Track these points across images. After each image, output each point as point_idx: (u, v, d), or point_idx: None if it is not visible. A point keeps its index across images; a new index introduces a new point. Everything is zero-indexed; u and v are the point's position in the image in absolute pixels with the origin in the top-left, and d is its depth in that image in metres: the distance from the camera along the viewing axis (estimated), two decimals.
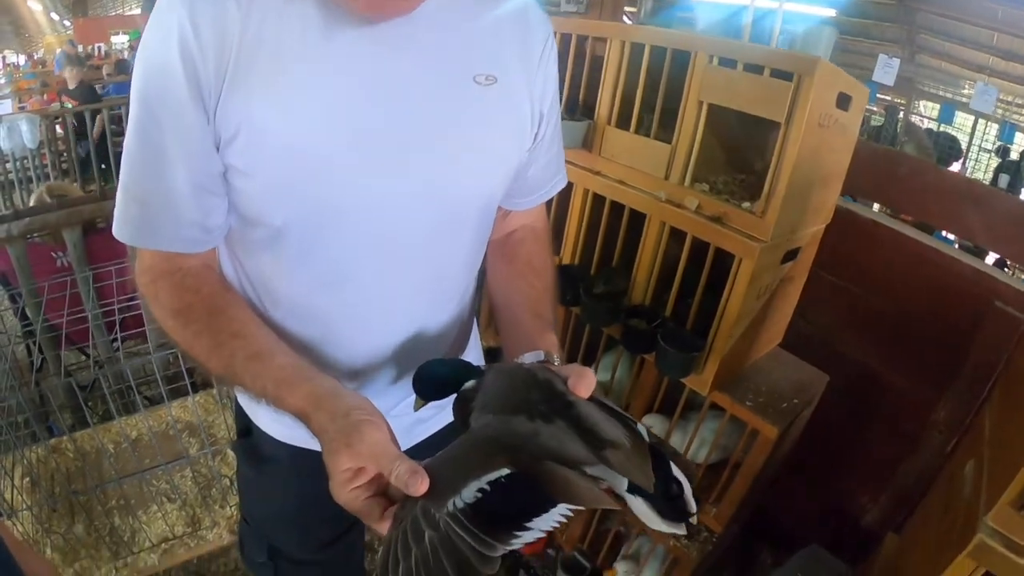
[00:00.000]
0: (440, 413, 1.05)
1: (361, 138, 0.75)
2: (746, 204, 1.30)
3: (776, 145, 1.18)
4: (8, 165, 4.76)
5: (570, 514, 0.58)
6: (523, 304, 0.93)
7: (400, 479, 0.61)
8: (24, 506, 1.61)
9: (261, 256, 0.85)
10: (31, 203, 2.92)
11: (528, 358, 0.80)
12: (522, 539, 0.56)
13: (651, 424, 1.65)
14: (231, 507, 1.72)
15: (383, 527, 0.62)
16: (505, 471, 0.59)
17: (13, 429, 1.69)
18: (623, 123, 1.47)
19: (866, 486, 1.76)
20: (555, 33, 0.90)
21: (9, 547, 0.79)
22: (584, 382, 0.69)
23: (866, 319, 1.71)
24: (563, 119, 1.52)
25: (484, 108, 0.81)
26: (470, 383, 0.73)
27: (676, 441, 1.60)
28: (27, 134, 4.30)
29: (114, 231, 0.79)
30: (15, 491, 1.67)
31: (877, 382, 1.66)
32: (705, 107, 1.27)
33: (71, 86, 5.83)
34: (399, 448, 0.66)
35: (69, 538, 1.61)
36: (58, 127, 5.34)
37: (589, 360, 1.80)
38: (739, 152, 1.49)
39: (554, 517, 0.58)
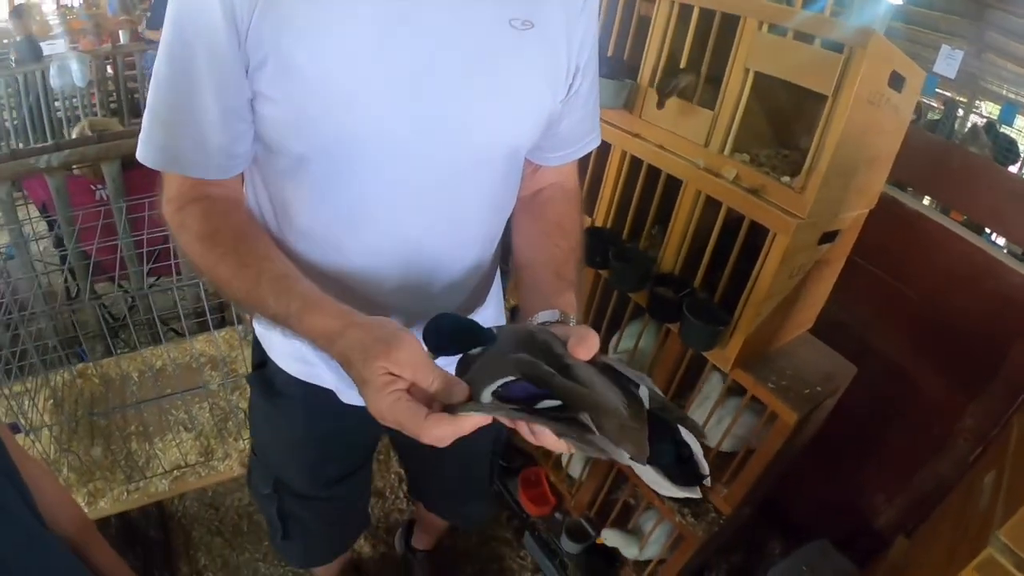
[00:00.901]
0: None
1: (387, 74, 0.75)
2: (786, 178, 1.27)
3: (822, 119, 1.15)
4: (57, 103, 4.85)
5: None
6: (546, 264, 0.91)
7: (441, 388, 0.65)
8: (45, 424, 1.67)
9: (284, 186, 0.86)
10: (73, 136, 2.97)
11: (542, 317, 0.79)
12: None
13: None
14: (244, 441, 1.75)
15: (427, 433, 0.63)
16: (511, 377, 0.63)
17: (40, 352, 1.74)
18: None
19: (883, 486, 1.74)
20: None
21: (14, 456, 0.80)
22: (585, 345, 0.67)
23: (902, 314, 1.67)
24: (606, 78, 1.51)
25: (517, 53, 0.80)
26: (476, 350, 0.72)
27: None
28: (77, 73, 4.39)
29: (138, 154, 0.80)
30: (38, 411, 1.74)
31: (906, 380, 1.63)
32: (751, 75, 1.23)
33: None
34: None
35: (86, 459, 1.65)
36: (108, 67, 5.42)
37: (614, 326, 1.79)
38: (787, 126, 1.45)
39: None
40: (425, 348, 0.69)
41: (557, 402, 0.62)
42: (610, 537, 1.82)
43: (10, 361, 1.70)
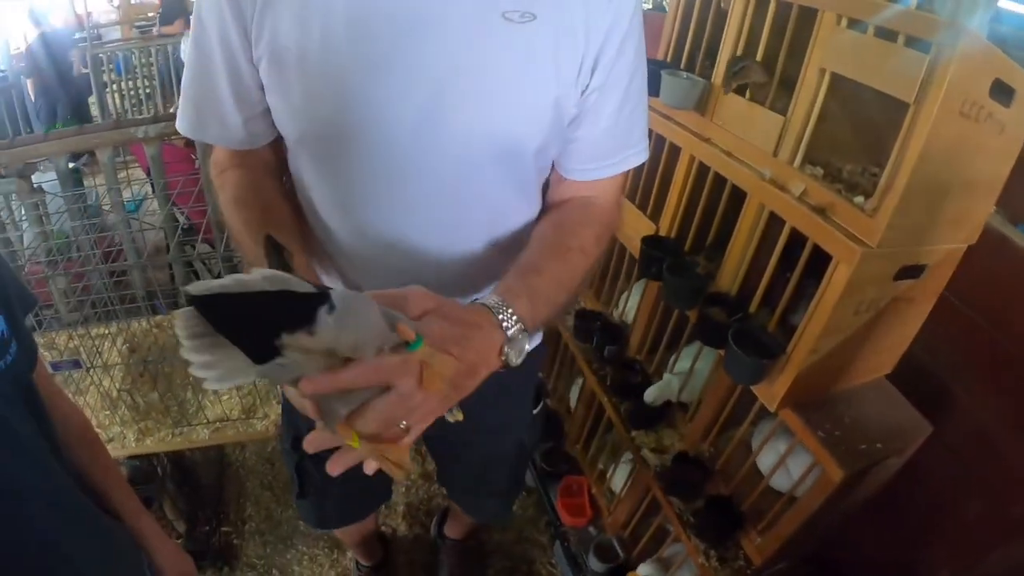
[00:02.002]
0: None
1: (374, 65, 0.74)
2: (859, 199, 1.07)
3: (901, 131, 0.95)
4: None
5: None
6: (525, 265, 0.81)
7: None
8: (116, 364, 1.75)
9: (294, 165, 0.91)
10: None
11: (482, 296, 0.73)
12: None
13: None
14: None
15: None
16: None
17: (125, 301, 1.86)
18: (739, 87, 1.26)
19: (949, 562, 1.47)
20: None
21: (41, 391, 0.82)
22: None
23: (1000, 371, 1.39)
24: (679, 77, 1.36)
25: (510, 47, 0.75)
26: None
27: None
28: None
29: (177, 124, 0.90)
30: (115, 350, 1.84)
31: (993, 447, 1.35)
32: (827, 76, 1.05)
33: None
34: None
35: (145, 401, 1.74)
36: None
37: (672, 344, 1.64)
38: (880, 140, 1.24)
39: None
40: None
41: None
42: (644, 570, 1.68)
43: (95, 305, 1.82)
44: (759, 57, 1.21)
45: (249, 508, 2.16)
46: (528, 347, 0.72)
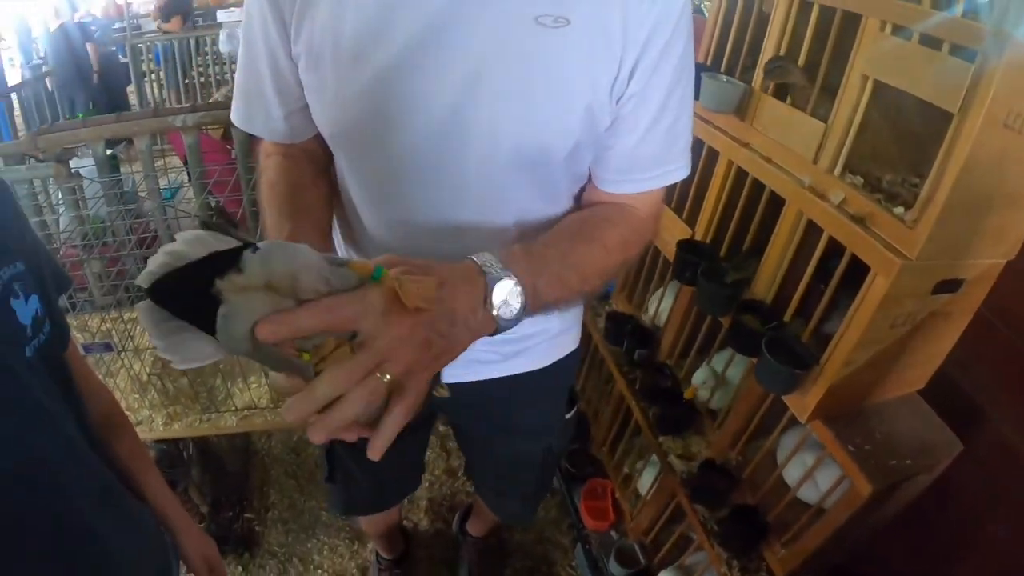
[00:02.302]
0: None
1: (403, 65, 0.76)
2: (898, 209, 1.08)
3: (945, 142, 0.96)
4: (215, 68, 5.26)
5: None
6: (533, 241, 0.79)
7: None
8: (148, 348, 1.81)
9: (335, 159, 0.95)
10: (218, 99, 3.24)
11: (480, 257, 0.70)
12: None
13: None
14: None
15: None
16: None
17: None
18: (780, 92, 1.28)
19: None
20: None
21: (73, 371, 0.86)
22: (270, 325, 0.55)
23: None
24: (718, 80, 1.37)
25: (541, 52, 0.75)
26: None
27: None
28: None
29: (231, 115, 0.95)
30: (146, 335, 1.89)
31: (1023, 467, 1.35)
32: (870, 83, 1.06)
33: None
34: None
35: (174, 386, 1.80)
36: None
37: (705, 349, 1.65)
38: (923, 151, 1.24)
39: None
40: None
41: None
42: None
43: (129, 290, 1.88)
44: (801, 62, 1.22)
45: (272, 496, 2.22)
46: (517, 302, 0.69)
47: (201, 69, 5.25)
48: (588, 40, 0.75)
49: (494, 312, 0.67)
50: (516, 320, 0.69)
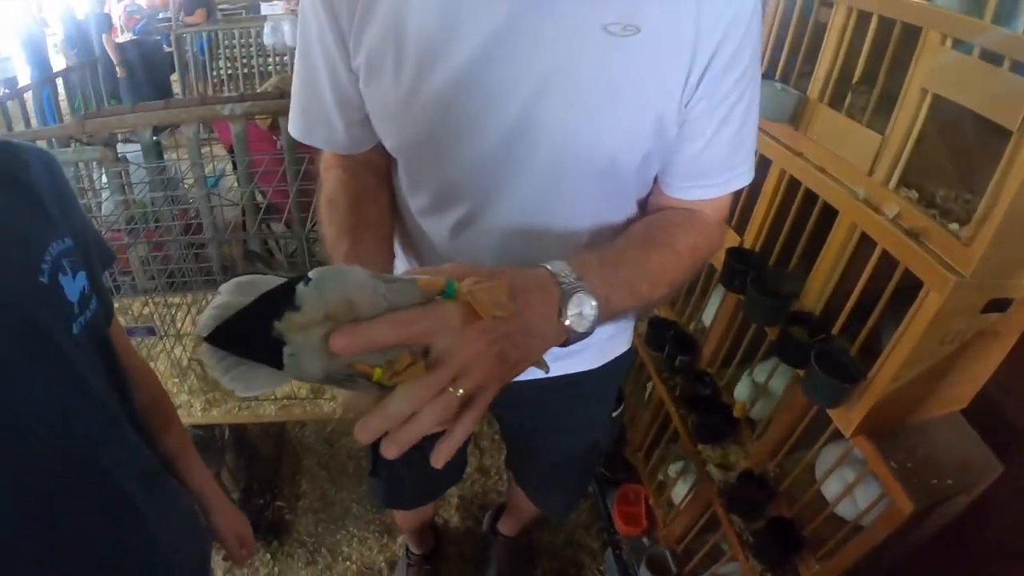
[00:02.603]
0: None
1: (467, 76, 0.76)
2: (953, 225, 1.09)
3: (1003, 160, 0.97)
4: (258, 60, 5.37)
5: None
6: (602, 249, 0.79)
7: None
8: (190, 333, 1.89)
9: (395, 168, 0.97)
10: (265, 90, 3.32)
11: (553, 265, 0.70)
12: None
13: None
14: None
15: None
16: None
17: (201, 274, 2.01)
18: (836, 102, 1.30)
19: None
20: None
21: (119, 352, 0.88)
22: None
23: None
24: (773, 87, 1.39)
25: (610, 62, 0.75)
26: None
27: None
28: (287, 34, 4.81)
29: (289, 128, 0.97)
30: (189, 321, 1.98)
31: None
32: (929, 97, 1.07)
33: None
34: None
35: None
36: None
37: (747, 359, 1.68)
38: (978, 168, 1.25)
39: None
40: None
41: None
42: None
43: (173, 275, 1.96)
44: (858, 72, 1.24)
45: (304, 485, 2.29)
46: (591, 314, 0.67)
47: (244, 61, 5.37)
48: (659, 47, 0.75)
49: (567, 323, 0.66)
50: (588, 332, 0.68)
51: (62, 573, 0.76)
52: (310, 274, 0.55)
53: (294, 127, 0.95)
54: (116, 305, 1.96)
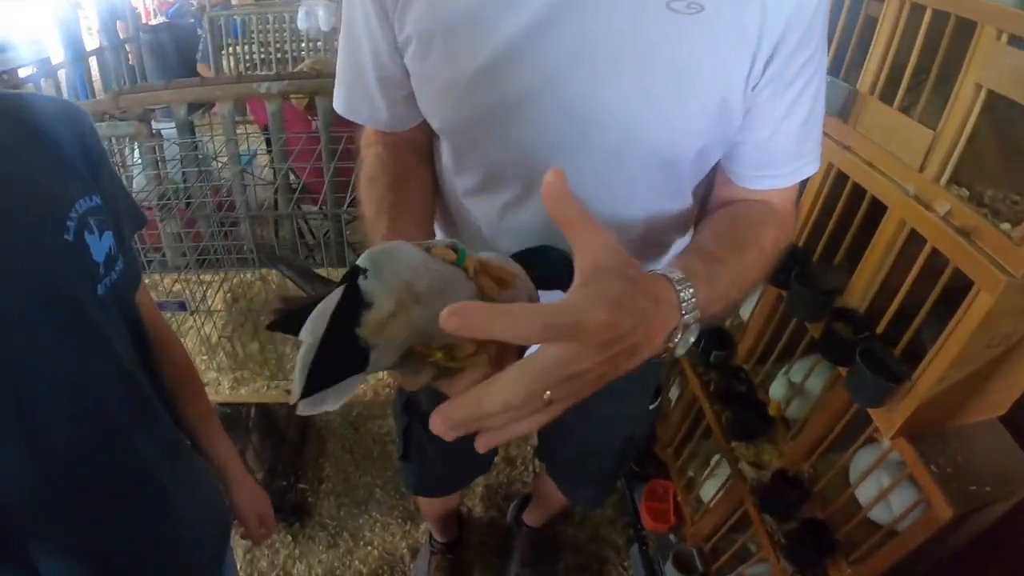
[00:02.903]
0: None
1: (522, 52, 0.75)
2: (1005, 225, 1.10)
3: None
4: (292, 45, 5.42)
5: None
6: (704, 251, 0.76)
7: None
8: (217, 311, 1.93)
9: (437, 150, 0.98)
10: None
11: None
12: None
13: None
14: (385, 372, 1.90)
15: None
16: None
17: (232, 252, 2.05)
18: (887, 96, 1.30)
19: None
20: None
21: (145, 317, 0.89)
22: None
23: None
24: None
25: (673, 40, 0.73)
26: None
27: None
28: (322, 19, 4.83)
29: (334, 104, 0.97)
30: (220, 296, 2.02)
31: None
32: (983, 93, 1.07)
33: None
34: None
35: (244, 350, 1.91)
36: None
37: (786, 354, 1.69)
38: None
39: None
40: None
41: None
42: None
43: (204, 252, 2.01)
44: (911, 67, 1.24)
45: (328, 468, 2.34)
46: (691, 340, 0.64)
47: (278, 45, 5.42)
48: (723, 27, 0.72)
49: (671, 346, 0.61)
50: (680, 354, 0.64)
51: (80, 545, 0.76)
52: (360, 262, 0.54)
53: (338, 103, 0.96)
54: (147, 281, 2.03)
